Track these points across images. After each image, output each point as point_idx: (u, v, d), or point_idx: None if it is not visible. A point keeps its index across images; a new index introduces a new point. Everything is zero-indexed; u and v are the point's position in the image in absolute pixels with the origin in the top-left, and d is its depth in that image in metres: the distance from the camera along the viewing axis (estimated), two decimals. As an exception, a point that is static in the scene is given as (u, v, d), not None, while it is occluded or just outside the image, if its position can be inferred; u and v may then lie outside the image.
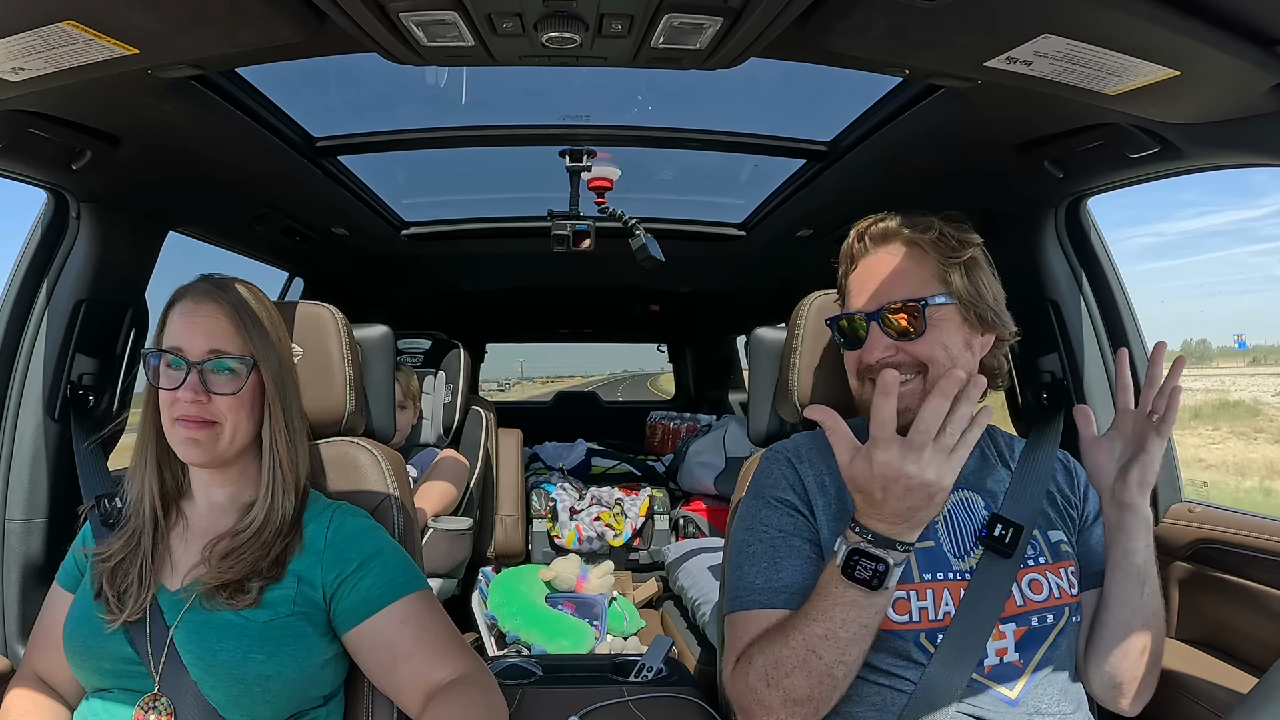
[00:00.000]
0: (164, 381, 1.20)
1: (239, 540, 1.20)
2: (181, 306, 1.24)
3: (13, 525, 1.62)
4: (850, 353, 1.28)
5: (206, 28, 1.09)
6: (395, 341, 1.68)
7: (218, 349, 1.21)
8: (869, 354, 1.22)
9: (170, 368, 1.20)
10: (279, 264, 3.02)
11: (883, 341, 1.21)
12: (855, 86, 1.70)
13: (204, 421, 1.20)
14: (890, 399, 1.03)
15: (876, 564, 1.04)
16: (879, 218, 1.29)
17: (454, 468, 2.75)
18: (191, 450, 1.20)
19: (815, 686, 1.07)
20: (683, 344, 6.04)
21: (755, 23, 1.07)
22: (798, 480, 1.26)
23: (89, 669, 1.17)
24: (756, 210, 2.78)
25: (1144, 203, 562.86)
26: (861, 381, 1.26)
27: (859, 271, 1.29)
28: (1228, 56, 1.04)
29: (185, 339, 1.21)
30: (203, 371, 1.20)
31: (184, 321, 1.22)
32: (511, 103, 2.00)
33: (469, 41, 1.14)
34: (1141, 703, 1.24)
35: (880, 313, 1.22)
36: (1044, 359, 1.89)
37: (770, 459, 1.31)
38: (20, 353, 1.66)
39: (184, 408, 1.19)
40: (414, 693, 1.19)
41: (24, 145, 1.40)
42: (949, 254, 1.22)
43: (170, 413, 1.20)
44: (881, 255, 1.26)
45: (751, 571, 1.21)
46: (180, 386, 1.19)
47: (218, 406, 1.20)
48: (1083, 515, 1.32)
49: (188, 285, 1.27)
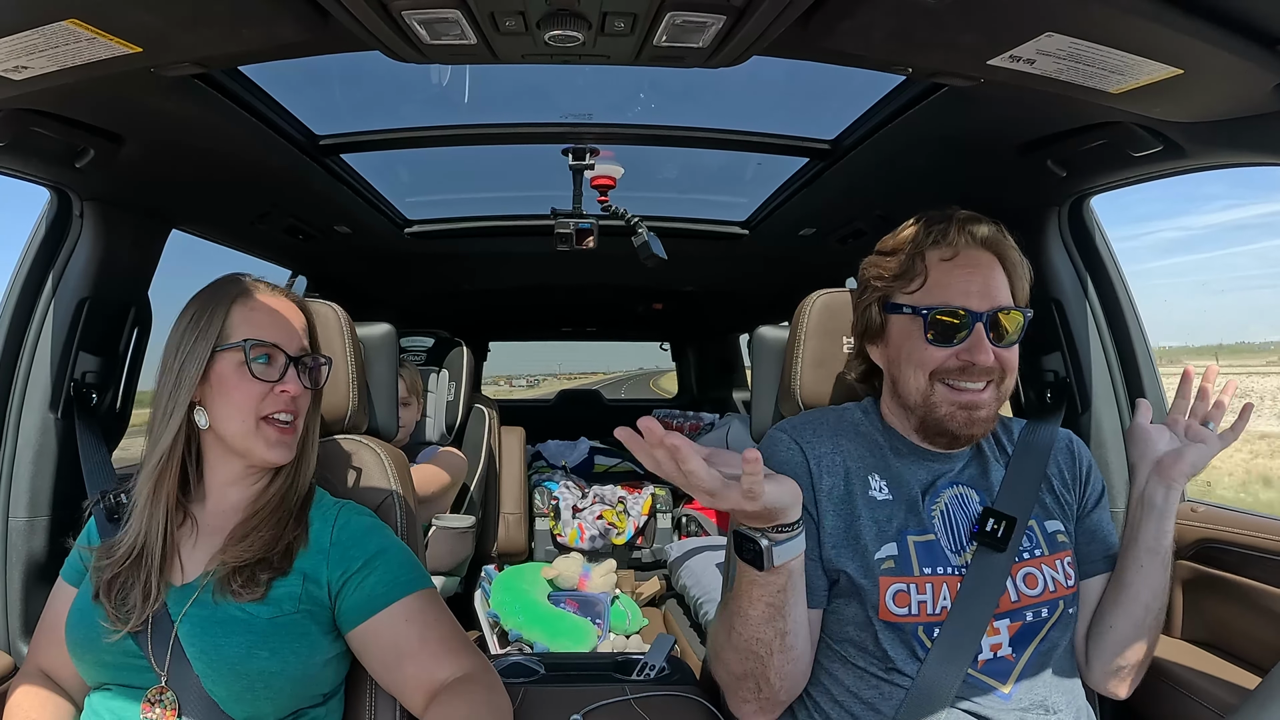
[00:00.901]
0: (261, 374, 1.19)
1: (258, 516, 1.21)
2: (262, 303, 1.23)
3: (16, 523, 1.63)
4: (934, 349, 1.20)
5: (209, 26, 1.09)
6: (398, 339, 1.68)
7: (306, 344, 1.25)
8: (978, 354, 1.18)
9: (261, 361, 1.19)
10: (282, 262, 3.02)
11: (988, 344, 1.19)
12: (858, 85, 1.70)
13: (291, 423, 1.21)
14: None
15: (753, 544, 1.03)
16: (975, 215, 1.24)
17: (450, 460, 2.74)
18: (282, 452, 1.21)
19: (742, 662, 1.13)
20: (685, 342, 6.03)
21: (758, 21, 1.07)
22: (801, 460, 1.25)
23: (91, 663, 1.17)
24: (759, 209, 2.78)
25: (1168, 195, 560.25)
26: (932, 383, 1.21)
27: (958, 262, 1.22)
28: (1230, 55, 1.04)
29: (279, 333, 1.21)
30: (300, 366, 1.22)
31: (273, 318, 1.22)
32: (514, 101, 2.00)
33: (472, 40, 1.14)
34: (1134, 686, 1.26)
35: (994, 314, 1.19)
36: (1047, 358, 1.88)
37: (772, 439, 1.31)
38: (24, 350, 1.66)
39: (284, 402, 1.19)
40: (418, 691, 1.19)
41: (27, 143, 1.40)
42: (1027, 272, 1.27)
43: (259, 408, 1.19)
44: (984, 255, 1.23)
45: None
46: (281, 379, 1.20)
47: (302, 402, 1.23)
48: (1083, 500, 1.31)
49: (244, 278, 1.26)
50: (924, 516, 1.22)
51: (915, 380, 1.22)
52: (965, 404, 1.19)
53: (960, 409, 1.19)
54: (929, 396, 1.21)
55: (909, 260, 1.24)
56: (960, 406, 1.19)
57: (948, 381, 1.20)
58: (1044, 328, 1.87)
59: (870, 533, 1.20)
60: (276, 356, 1.21)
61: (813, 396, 1.49)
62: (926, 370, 1.21)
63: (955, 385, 1.20)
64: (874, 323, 1.30)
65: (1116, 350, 1.82)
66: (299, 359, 1.23)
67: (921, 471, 1.27)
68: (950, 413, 1.20)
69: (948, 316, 1.19)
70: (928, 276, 1.23)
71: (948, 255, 1.23)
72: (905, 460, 1.27)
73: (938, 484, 1.26)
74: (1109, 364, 1.81)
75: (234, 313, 1.21)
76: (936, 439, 1.25)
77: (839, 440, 1.28)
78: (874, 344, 1.32)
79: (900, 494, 1.23)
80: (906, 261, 1.25)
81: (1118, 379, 1.81)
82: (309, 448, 1.29)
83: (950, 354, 1.19)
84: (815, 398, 1.49)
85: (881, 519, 1.21)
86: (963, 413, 1.19)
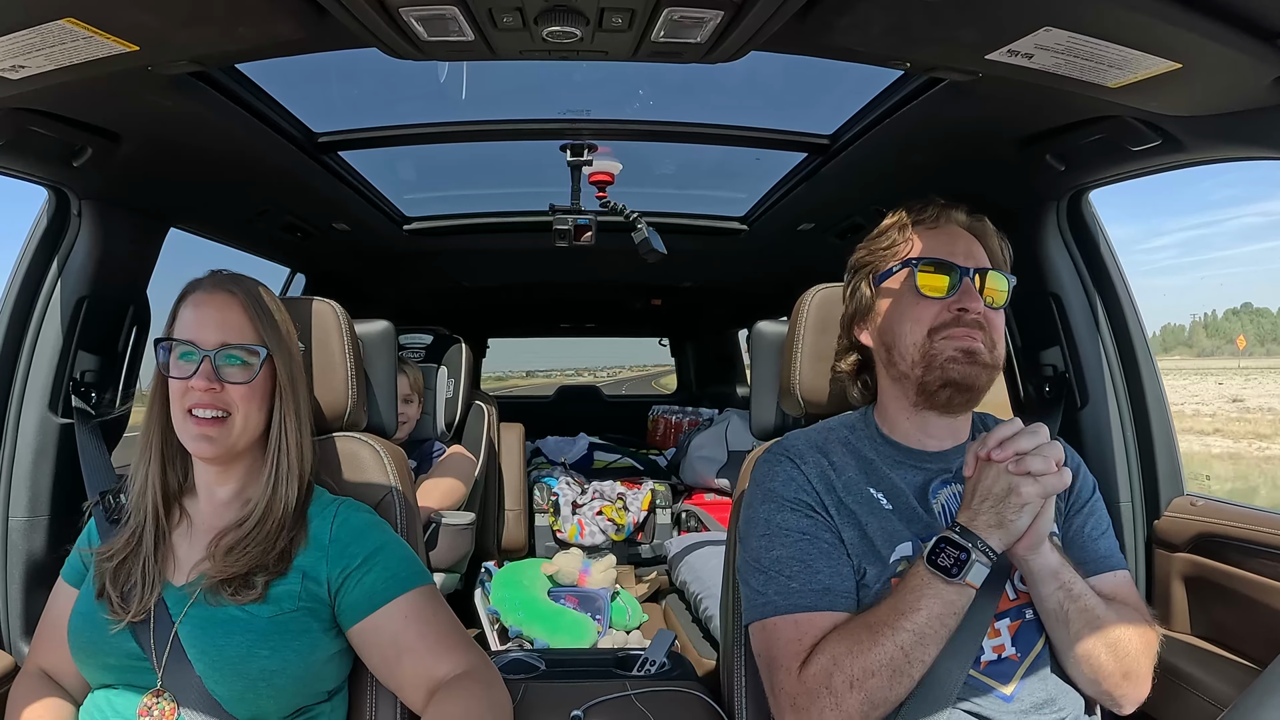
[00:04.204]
0: (176, 371, 1.21)
1: (243, 533, 1.20)
2: (194, 298, 1.24)
3: (16, 523, 1.63)
4: (927, 302, 1.24)
5: (206, 24, 1.09)
6: (397, 336, 1.68)
7: (230, 339, 1.22)
8: (969, 300, 1.21)
9: (182, 359, 1.21)
10: (280, 260, 3.02)
11: (977, 294, 1.22)
12: (856, 80, 1.70)
13: (215, 417, 1.20)
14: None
15: (959, 553, 1.07)
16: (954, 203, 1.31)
17: (459, 465, 2.76)
18: (203, 445, 1.20)
19: (894, 687, 1.08)
20: (684, 338, 6.04)
21: (756, 16, 1.07)
22: (804, 480, 1.25)
23: (94, 665, 1.18)
24: (758, 204, 2.78)
25: (1247, 180, 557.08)
26: (930, 338, 1.23)
27: (942, 231, 1.28)
28: (1229, 49, 1.04)
29: (198, 329, 1.21)
30: (215, 361, 1.20)
31: (197, 313, 1.23)
32: (512, 97, 2.00)
33: (469, 36, 1.14)
34: (1133, 705, 1.21)
35: (980, 272, 1.24)
36: (1046, 352, 1.88)
37: (770, 460, 1.31)
38: (22, 350, 1.66)
39: (197, 396, 1.19)
40: (417, 688, 1.19)
41: (24, 143, 1.40)
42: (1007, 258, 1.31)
43: (182, 403, 1.20)
44: (964, 230, 1.29)
45: (782, 577, 1.19)
46: (193, 375, 1.19)
47: (230, 396, 1.21)
48: (1069, 503, 1.31)
49: (200, 279, 1.27)
50: (926, 518, 1.22)
51: (912, 336, 1.24)
52: (965, 348, 1.20)
53: (962, 354, 1.20)
54: (927, 350, 1.23)
55: (895, 233, 1.31)
56: (961, 351, 1.20)
57: (944, 335, 1.22)
58: (1043, 322, 1.87)
59: (881, 537, 1.20)
60: (193, 353, 1.21)
61: (812, 391, 1.49)
62: (923, 325, 1.23)
63: (951, 335, 1.22)
64: (864, 301, 1.33)
65: (1115, 345, 1.82)
66: (214, 353, 1.21)
67: (915, 475, 1.27)
68: (952, 357, 1.20)
69: (937, 267, 1.24)
70: (914, 244, 1.29)
71: (932, 226, 1.29)
72: (898, 469, 1.27)
73: (932, 485, 1.26)
74: (1108, 358, 1.81)
75: (180, 311, 1.24)
76: (937, 398, 1.23)
77: (829, 457, 1.28)
78: (864, 325, 1.34)
79: (899, 502, 1.23)
80: (893, 234, 1.31)
81: (1117, 373, 1.81)
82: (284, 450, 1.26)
83: (942, 306, 1.23)
84: (814, 392, 1.49)
85: (888, 526, 1.21)
86: (964, 357, 1.20)
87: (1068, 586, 1.14)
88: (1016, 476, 1.08)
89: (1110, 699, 1.19)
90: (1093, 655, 1.15)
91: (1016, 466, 1.08)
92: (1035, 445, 1.09)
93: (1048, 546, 1.13)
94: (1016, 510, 1.07)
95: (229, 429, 1.21)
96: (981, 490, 1.10)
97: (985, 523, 1.08)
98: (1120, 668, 1.16)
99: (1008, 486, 1.08)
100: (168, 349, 1.22)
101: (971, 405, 1.27)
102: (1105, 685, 1.17)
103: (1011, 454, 1.09)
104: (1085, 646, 1.14)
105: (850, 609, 1.17)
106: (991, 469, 1.10)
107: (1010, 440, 1.10)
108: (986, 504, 1.09)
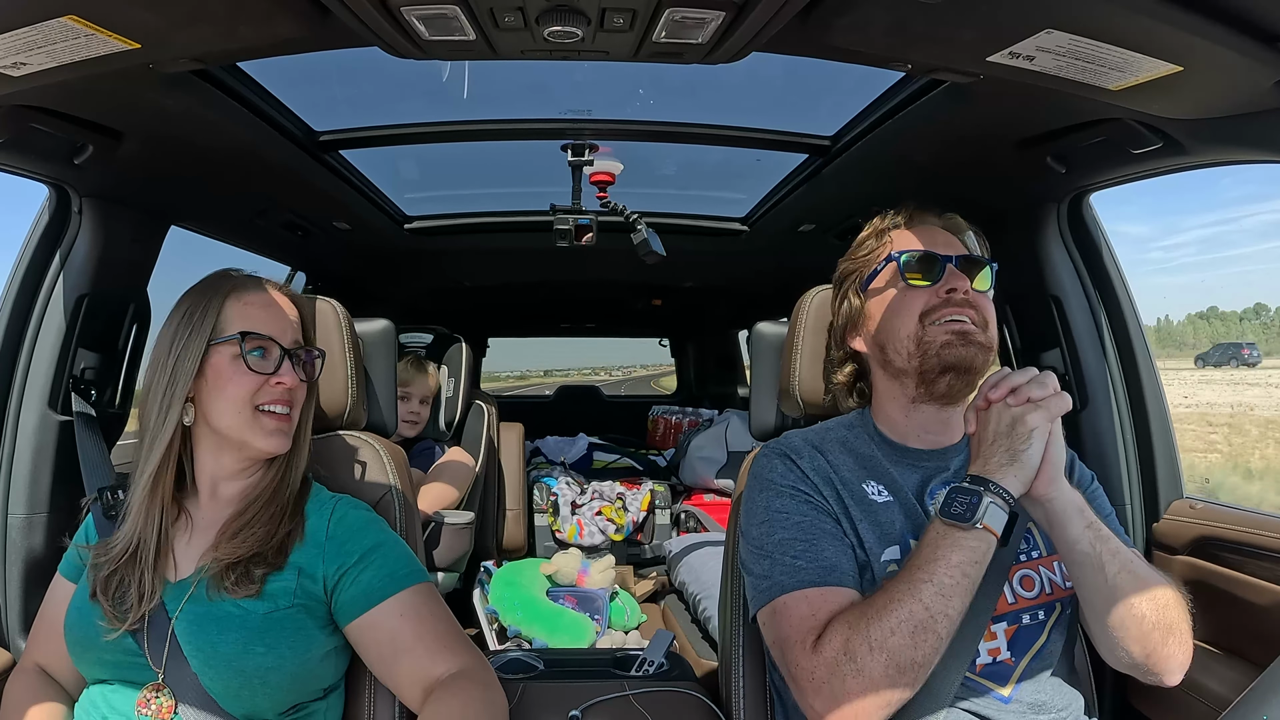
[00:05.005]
0: (256, 366, 1.21)
1: (250, 515, 1.21)
2: (259, 297, 1.26)
3: (15, 520, 1.63)
4: (916, 291, 1.26)
5: (208, 23, 1.09)
6: (397, 335, 1.68)
7: (300, 338, 1.28)
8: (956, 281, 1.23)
9: (257, 355, 1.21)
10: (281, 259, 3.02)
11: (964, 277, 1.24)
12: (857, 81, 1.70)
13: (287, 414, 1.23)
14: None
15: (970, 497, 1.05)
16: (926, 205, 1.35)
17: (455, 471, 2.76)
18: (278, 440, 1.23)
19: (919, 645, 1.02)
20: (685, 339, 6.04)
21: (757, 17, 1.07)
22: (801, 474, 1.25)
23: (90, 660, 1.18)
24: (758, 205, 2.78)
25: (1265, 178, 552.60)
26: (923, 325, 1.24)
27: (916, 230, 1.32)
28: (1230, 52, 1.04)
29: (274, 326, 1.23)
30: (296, 358, 1.24)
31: (267, 312, 1.24)
32: (513, 97, 2.00)
33: (471, 36, 1.14)
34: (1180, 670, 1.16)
35: (962, 259, 1.26)
36: (1046, 354, 1.89)
37: (767, 456, 1.31)
38: (23, 347, 1.66)
39: (276, 393, 1.21)
40: (413, 686, 1.19)
41: (26, 140, 1.40)
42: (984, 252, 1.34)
43: (253, 399, 1.20)
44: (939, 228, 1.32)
45: (787, 558, 1.17)
46: (277, 370, 1.21)
47: (298, 393, 1.25)
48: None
49: (245, 276, 1.28)
50: (923, 517, 1.22)
51: (906, 328, 1.25)
52: (958, 330, 1.21)
53: (956, 336, 1.21)
54: (922, 337, 1.23)
55: (873, 240, 1.35)
56: (955, 334, 1.21)
57: (935, 321, 1.23)
58: (1043, 324, 1.87)
59: (873, 536, 1.20)
60: (271, 349, 1.22)
61: (811, 392, 1.49)
62: (915, 313, 1.25)
63: (942, 315, 1.23)
64: (854, 309, 1.34)
65: (1116, 347, 1.82)
66: (293, 351, 1.24)
67: (914, 474, 1.27)
68: (948, 341, 1.21)
69: (920, 257, 1.27)
70: (893, 243, 1.32)
71: (910, 226, 1.33)
72: (898, 466, 1.27)
73: (931, 485, 1.25)
74: (1108, 360, 1.82)
75: (228, 307, 1.22)
76: (937, 386, 1.23)
77: (826, 455, 1.28)
78: (856, 333, 1.35)
79: (898, 496, 1.23)
80: (871, 242, 1.35)
81: (1117, 375, 1.81)
82: (302, 441, 1.30)
83: (931, 292, 1.24)
84: (814, 393, 1.49)
85: (884, 522, 1.21)
86: (959, 340, 1.21)
87: (1095, 526, 1.11)
88: (1018, 407, 1.09)
89: (1154, 663, 1.14)
90: (1134, 606, 1.10)
91: (1016, 398, 1.10)
92: (1029, 379, 1.10)
93: (1066, 484, 1.11)
94: (1025, 439, 1.07)
95: (292, 425, 1.25)
96: (988, 435, 1.10)
97: (998, 463, 1.07)
98: (1163, 619, 1.12)
99: (1012, 419, 1.09)
100: (239, 342, 1.19)
101: (971, 389, 1.25)
102: (1150, 643, 1.12)
103: (1007, 389, 1.10)
104: (1124, 593, 1.10)
105: (858, 589, 1.15)
106: (993, 411, 1.11)
107: (1004, 380, 1.11)
108: (995, 444, 1.09)
